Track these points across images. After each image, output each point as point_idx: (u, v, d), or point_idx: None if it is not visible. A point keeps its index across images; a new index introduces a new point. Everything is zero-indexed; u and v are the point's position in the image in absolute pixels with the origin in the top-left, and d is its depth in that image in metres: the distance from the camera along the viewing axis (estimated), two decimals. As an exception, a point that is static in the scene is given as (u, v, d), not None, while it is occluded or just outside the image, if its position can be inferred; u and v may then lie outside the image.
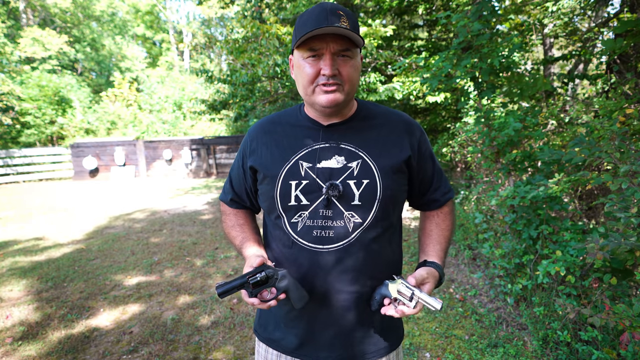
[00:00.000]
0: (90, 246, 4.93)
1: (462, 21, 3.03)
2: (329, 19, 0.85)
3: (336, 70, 0.89)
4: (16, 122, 13.72)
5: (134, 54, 24.27)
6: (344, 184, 0.95)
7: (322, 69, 0.89)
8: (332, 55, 0.88)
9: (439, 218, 1.10)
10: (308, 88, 0.93)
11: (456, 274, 3.69)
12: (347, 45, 0.89)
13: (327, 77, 0.89)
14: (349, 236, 0.95)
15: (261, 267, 0.91)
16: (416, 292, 0.89)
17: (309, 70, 0.90)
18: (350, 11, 0.95)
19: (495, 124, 3.14)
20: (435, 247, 1.06)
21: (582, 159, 2.02)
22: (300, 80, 0.94)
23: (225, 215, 1.18)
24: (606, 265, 2.18)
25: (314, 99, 0.94)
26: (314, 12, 0.88)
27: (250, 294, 0.89)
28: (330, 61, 0.88)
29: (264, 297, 0.92)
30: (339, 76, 0.90)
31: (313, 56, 0.90)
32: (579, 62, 5.83)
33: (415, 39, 8.65)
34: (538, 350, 2.35)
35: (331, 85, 0.90)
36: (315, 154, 0.98)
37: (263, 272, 0.90)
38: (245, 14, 8.79)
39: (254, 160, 1.04)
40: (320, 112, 0.98)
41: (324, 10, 0.87)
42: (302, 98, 0.99)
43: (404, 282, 0.93)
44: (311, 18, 0.87)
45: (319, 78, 0.90)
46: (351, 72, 0.91)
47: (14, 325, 2.89)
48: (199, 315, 3.00)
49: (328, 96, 0.91)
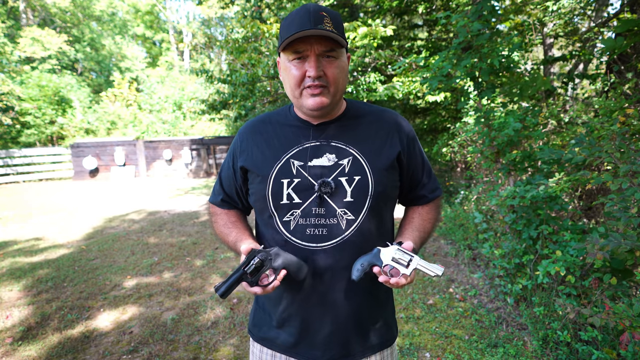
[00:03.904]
0: (90, 246, 4.93)
1: (461, 21, 3.03)
2: (312, 21, 0.87)
3: (321, 71, 0.90)
4: (16, 122, 13.72)
5: (134, 53, 24.26)
6: (336, 181, 0.96)
7: (308, 71, 0.90)
8: (316, 56, 0.90)
9: (423, 210, 1.11)
10: (295, 91, 0.94)
11: (456, 274, 3.69)
12: (332, 46, 0.90)
13: (313, 78, 0.90)
14: (343, 234, 0.96)
15: (252, 253, 0.91)
16: (415, 258, 0.86)
17: (295, 72, 0.92)
18: (334, 11, 0.97)
19: (495, 124, 3.14)
20: (413, 233, 1.05)
21: (582, 158, 2.02)
22: (288, 83, 0.96)
23: (216, 216, 1.17)
24: (606, 265, 2.18)
25: (302, 102, 0.95)
26: (298, 14, 0.90)
27: (251, 283, 0.88)
28: (315, 63, 0.89)
29: (264, 283, 0.91)
30: (325, 77, 0.91)
31: (298, 58, 0.91)
32: (579, 62, 5.83)
33: (415, 38, 8.65)
34: (538, 350, 2.35)
35: (317, 88, 0.91)
36: (306, 153, 0.99)
37: (256, 257, 0.89)
38: (245, 14, 8.79)
39: (244, 160, 1.05)
40: (308, 114, 1.00)
41: (307, 12, 0.88)
42: (291, 100, 1.00)
43: (400, 249, 0.89)
44: (295, 20, 0.89)
45: (305, 80, 0.92)
46: (336, 72, 0.93)
47: (13, 326, 2.89)
48: (199, 315, 3.00)
49: (315, 99, 0.92)
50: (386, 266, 0.89)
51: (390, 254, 0.89)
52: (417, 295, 3.24)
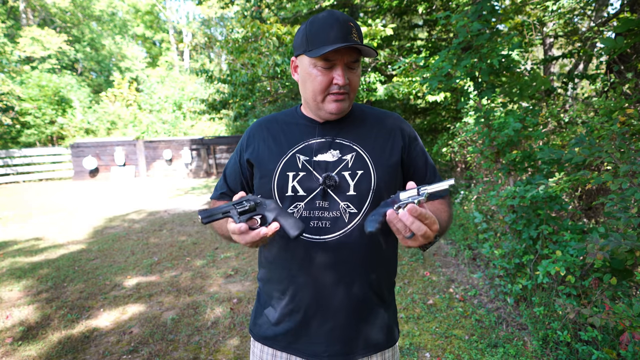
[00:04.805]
0: (90, 246, 4.93)
1: (461, 21, 3.03)
2: (344, 32, 0.91)
3: (347, 80, 0.94)
4: (16, 122, 13.72)
5: (134, 53, 24.26)
6: (339, 176, 0.98)
7: (335, 79, 0.94)
8: (344, 65, 0.94)
9: (434, 202, 1.07)
10: (319, 96, 0.97)
11: (456, 274, 3.69)
12: (357, 57, 0.95)
13: (340, 86, 0.94)
14: (345, 227, 0.97)
15: (246, 196, 0.88)
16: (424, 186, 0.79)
17: (321, 79, 0.95)
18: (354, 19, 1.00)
19: (495, 124, 3.14)
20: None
21: (582, 158, 2.02)
22: (310, 87, 0.98)
23: None
24: (606, 265, 2.18)
25: (324, 106, 0.99)
26: (328, 23, 0.92)
27: (238, 220, 0.83)
28: (343, 72, 0.93)
29: (254, 225, 0.85)
30: (348, 85, 0.96)
31: (327, 67, 0.94)
32: (578, 62, 5.83)
33: (415, 38, 8.64)
34: (538, 350, 2.35)
35: (341, 95, 0.96)
36: (312, 148, 1.02)
37: (250, 200, 0.85)
38: (245, 14, 8.78)
39: (250, 153, 1.08)
40: (325, 117, 1.03)
41: (339, 22, 0.91)
42: (307, 102, 1.02)
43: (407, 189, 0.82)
44: (327, 29, 0.91)
45: (331, 87, 0.95)
46: (357, 81, 0.99)
47: (14, 326, 2.89)
48: (199, 315, 3.00)
49: (337, 105, 0.97)
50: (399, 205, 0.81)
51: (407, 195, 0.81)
52: (417, 295, 3.24)
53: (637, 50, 3.37)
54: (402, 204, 0.80)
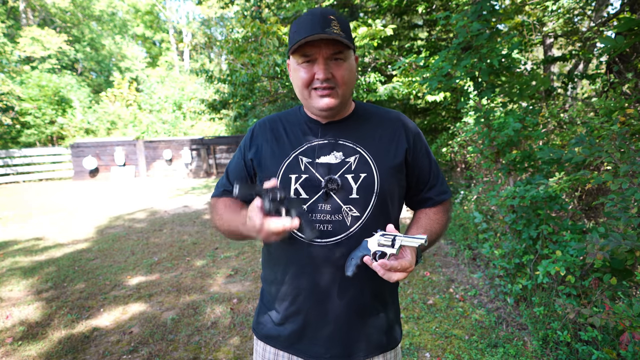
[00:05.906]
0: (90, 246, 4.93)
1: (461, 21, 3.03)
2: (320, 24, 0.89)
3: (329, 74, 0.93)
4: (16, 122, 13.73)
5: (134, 53, 24.27)
6: (342, 178, 0.97)
7: (316, 74, 0.93)
8: (325, 59, 0.92)
9: (431, 211, 1.09)
10: (304, 92, 0.97)
11: (456, 274, 3.69)
12: (340, 49, 0.93)
13: (321, 80, 0.93)
14: (348, 230, 0.96)
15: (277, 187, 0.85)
16: (398, 237, 0.85)
17: (303, 75, 0.95)
18: (342, 14, 0.99)
19: (495, 124, 3.14)
20: (419, 230, 1.03)
21: (582, 158, 2.02)
22: (297, 84, 0.98)
23: (218, 204, 1.13)
24: (606, 265, 2.18)
25: (311, 102, 0.98)
26: (306, 18, 0.93)
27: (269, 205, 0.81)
28: (324, 65, 0.92)
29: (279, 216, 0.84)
30: (333, 79, 0.94)
31: (307, 61, 0.94)
32: (578, 62, 5.83)
33: (415, 38, 8.64)
34: (538, 350, 2.35)
35: (325, 90, 0.94)
36: (314, 150, 1.01)
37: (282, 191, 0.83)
38: (245, 14, 8.79)
39: (254, 153, 1.07)
40: (317, 115, 1.02)
41: (315, 16, 0.91)
42: (301, 101, 1.03)
43: (384, 233, 0.89)
44: (303, 24, 0.92)
45: (313, 82, 0.95)
46: (345, 74, 0.95)
47: (14, 325, 2.89)
48: (199, 315, 3.00)
49: (324, 100, 0.95)
50: (374, 253, 0.89)
51: (375, 241, 0.90)
52: (417, 295, 3.24)
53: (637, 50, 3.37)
54: (377, 252, 0.88)
